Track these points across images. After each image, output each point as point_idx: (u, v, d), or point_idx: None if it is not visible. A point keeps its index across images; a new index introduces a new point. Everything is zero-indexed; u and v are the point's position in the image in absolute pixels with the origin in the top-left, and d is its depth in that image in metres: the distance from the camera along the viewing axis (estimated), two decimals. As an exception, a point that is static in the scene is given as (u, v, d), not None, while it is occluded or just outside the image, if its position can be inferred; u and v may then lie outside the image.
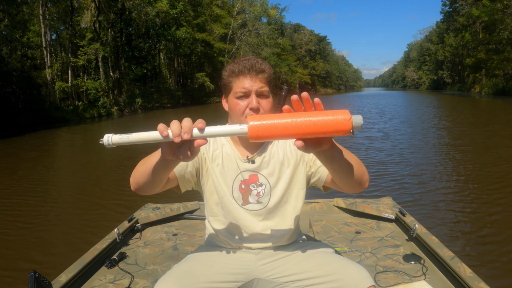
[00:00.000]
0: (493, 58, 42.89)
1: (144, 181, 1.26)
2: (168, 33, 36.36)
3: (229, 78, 1.41)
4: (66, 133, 18.67)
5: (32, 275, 1.74)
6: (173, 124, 0.97)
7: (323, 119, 0.93)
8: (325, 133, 0.94)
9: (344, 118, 0.92)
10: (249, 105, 1.37)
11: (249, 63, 1.38)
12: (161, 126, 0.97)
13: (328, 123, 0.93)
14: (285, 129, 0.94)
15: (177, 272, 1.37)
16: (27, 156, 11.61)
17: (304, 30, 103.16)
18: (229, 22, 51.92)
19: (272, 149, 1.51)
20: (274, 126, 0.94)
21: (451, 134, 12.01)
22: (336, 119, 0.92)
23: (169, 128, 0.97)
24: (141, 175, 1.26)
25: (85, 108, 28.56)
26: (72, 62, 30.86)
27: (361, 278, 1.28)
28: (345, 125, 0.93)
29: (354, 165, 1.23)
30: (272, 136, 0.95)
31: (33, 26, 29.25)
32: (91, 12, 31.73)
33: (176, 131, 0.95)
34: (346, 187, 1.31)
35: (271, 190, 1.48)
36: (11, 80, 20.40)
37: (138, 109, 33.75)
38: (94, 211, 5.55)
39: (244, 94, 1.38)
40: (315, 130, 0.94)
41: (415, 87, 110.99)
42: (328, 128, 0.93)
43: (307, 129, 0.94)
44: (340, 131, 0.93)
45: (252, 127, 0.94)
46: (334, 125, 0.93)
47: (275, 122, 0.94)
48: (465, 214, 4.82)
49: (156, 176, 1.21)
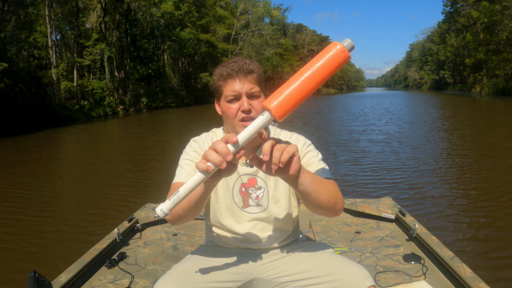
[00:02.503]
0: (492, 59, 43.33)
1: (185, 212, 1.26)
2: (173, 34, 37.00)
3: (218, 82, 1.39)
4: (73, 131, 19.01)
5: (32, 275, 1.75)
6: (210, 155, 0.97)
7: (324, 61, 0.97)
8: (334, 69, 0.98)
9: (339, 50, 0.97)
10: (240, 107, 1.34)
11: (237, 65, 1.35)
12: (201, 164, 0.98)
13: (330, 61, 0.97)
14: (301, 90, 0.97)
15: (176, 272, 1.38)
16: (32, 155, 11.52)
17: (306, 30, 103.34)
18: (232, 22, 52.39)
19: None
20: (291, 95, 0.97)
21: (452, 135, 11.94)
22: (334, 54, 0.97)
23: (209, 161, 0.97)
24: (182, 209, 1.24)
25: (91, 107, 29.09)
26: (78, 62, 31.33)
27: (361, 278, 1.28)
28: (343, 54, 0.97)
29: (324, 196, 1.24)
30: (295, 103, 0.98)
31: (39, 27, 29.74)
32: (97, 13, 32.23)
33: (218, 159, 0.96)
34: (314, 211, 1.33)
35: (269, 193, 1.48)
36: (18, 79, 20.79)
37: (143, 108, 34.31)
38: (94, 211, 5.53)
39: (234, 97, 1.35)
40: (324, 73, 0.98)
41: (417, 87, 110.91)
42: (333, 63, 0.97)
43: (318, 77, 0.97)
44: (343, 60, 0.98)
45: (275, 109, 0.97)
46: (336, 59, 0.97)
47: (290, 92, 0.97)
48: (465, 214, 4.81)
49: (199, 203, 1.21)
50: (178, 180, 1.41)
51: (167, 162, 8.80)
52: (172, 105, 37.92)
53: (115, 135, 18.01)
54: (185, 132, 14.68)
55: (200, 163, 0.98)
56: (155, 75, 40.59)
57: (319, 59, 0.98)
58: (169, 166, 7.97)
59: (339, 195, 1.33)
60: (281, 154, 1.02)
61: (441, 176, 6.84)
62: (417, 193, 5.78)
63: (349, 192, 5.81)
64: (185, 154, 1.49)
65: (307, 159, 1.46)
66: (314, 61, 0.99)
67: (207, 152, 0.99)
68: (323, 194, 1.23)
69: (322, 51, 0.99)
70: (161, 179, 7.26)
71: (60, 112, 24.86)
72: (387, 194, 4.87)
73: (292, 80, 0.99)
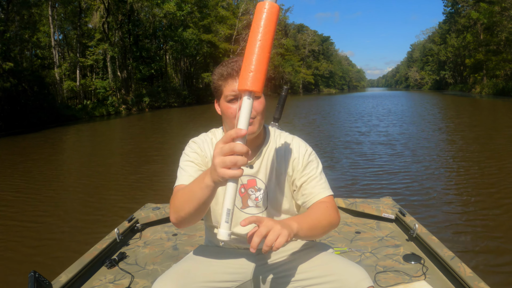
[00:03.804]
0: (492, 59, 43.60)
1: (192, 216, 1.26)
2: (175, 34, 37.28)
3: (218, 81, 1.38)
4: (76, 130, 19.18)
5: (32, 275, 1.75)
6: (235, 160, 0.99)
7: (264, 23, 1.04)
8: (275, 25, 1.05)
9: (269, 6, 1.04)
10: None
11: (237, 64, 1.34)
12: (230, 172, 1.00)
13: (268, 21, 1.04)
14: (262, 59, 1.05)
15: (175, 272, 1.37)
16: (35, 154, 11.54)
17: (307, 31, 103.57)
18: (234, 23, 52.63)
19: (270, 153, 1.49)
20: (257, 68, 1.05)
21: (454, 135, 11.91)
22: (267, 12, 1.04)
23: (236, 165, 1.00)
24: (189, 213, 1.23)
25: (94, 106, 29.31)
26: (81, 62, 31.53)
27: (359, 279, 1.28)
28: (274, 8, 1.04)
29: (321, 232, 1.36)
30: (263, 73, 1.06)
31: (43, 27, 29.95)
32: (100, 13, 32.47)
33: (244, 160, 1.00)
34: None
35: (268, 194, 1.48)
36: (22, 79, 20.94)
37: (145, 108, 34.57)
38: (94, 211, 5.52)
39: (234, 97, 1.34)
40: (270, 33, 1.05)
41: (418, 87, 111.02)
42: (271, 20, 1.04)
43: (267, 38, 1.05)
44: (276, 12, 1.05)
45: (252, 87, 1.04)
46: (270, 15, 1.04)
47: (255, 66, 1.05)
48: (465, 214, 4.81)
49: (206, 205, 1.21)
50: (180, 182, 1.40)
51: (167, 161, 8.86)
52: (174, 105, 38.17)
53: (117, 134, 18.09)
54: (186, 132, 14.67)
55: (230, 171, 1.00)
56: (157, 75, 40.84)
57: (259, 24, 1.04)
58: (169, 166, 8.06)
59: (334, 216, 1.39)
60: (276, 239, 1.11)
61: (442, 176, 6.84)
62: (418, 193, 5.77)
63: (349, 192, 5.80)
64: (185, 156, 1.48)
65: (307, 172, 1.47)
66: (256, 28, 1.04)
67: (230, 158, 0.99)
68: (319, 233, 1.34)
69: (255, 16, 1.05)
70: (161, 179, 7.28)
71: (64, 111, 25.04)
72: (387, 194, 4.89)
73: (249, 54, 1.05)
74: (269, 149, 1.49)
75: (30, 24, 26.11)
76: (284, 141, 1.52)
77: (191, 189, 1.20)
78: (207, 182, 1.10)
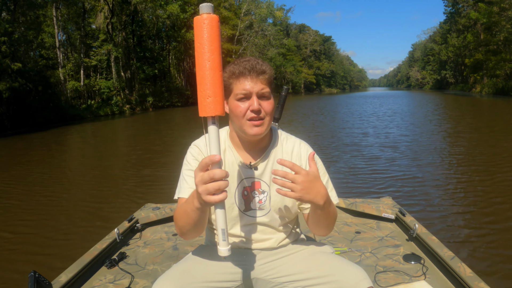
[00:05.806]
0: (491, 59, 43.93)
1: (193, 231, 1.34)
2: (178, 35, 37.70)
3: (229, 79, 1.35)
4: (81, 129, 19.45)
5: (32, 275, 1.74)
6: (214, 186, 1.06)
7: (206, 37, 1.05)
8: (219, 35, 1.07)
9: (206, 19, 1.05)
10: (250, 107, 1.32)
11: (250, 64, 1.34)
12: (213, 198, 1.07)
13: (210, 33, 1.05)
14: (214, 77, 1.07)
15: (175, 272, 1.37)
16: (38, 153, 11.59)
17: (309, 31, 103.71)
18: (236, 23, 53.03)
19: (275, 156, 1.47)
20: (213, 89, 1.06)
21: (454, 135, 11.85)
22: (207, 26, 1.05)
23: (217, 192, 1.06)
24: (188, 228, 1.31)
25: (99, 106, 29.70)
26: (85, 62, 31.87)
27: (359, 279, 1.28)
28: (213, 19, 1.05)
29: (331, 222, 1.39)
30: (220, 92, 1.09)
31: (47, 28, 30.29)
32: (104, 14, 32.85)
33: (223, 184, 1.06)
34: (313, 230, 1.44)
35: (272, 197, 1.46)
36: (28, 79, 21.20)
37: (149, 107, 35.01)
38: (94, 211, 5.52)
39: (245, 96, 1.33)
40: (216, 45, 1.07)
41: (419, 87, 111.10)
42: (213, 33, 1.05)
43: (215, 52, 1.07)
44: (216, 23, 1.05)
45: (215, 111, 1.09)
46: (210, 28, 1.05)
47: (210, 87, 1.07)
48: (465, 214, 4.80)
49: (201, 221, 1.27)
50: (181, 195, 1.41)
51: (168, 161, 8.96)
52: (177, 104, 38.53)
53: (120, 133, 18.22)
54: (187, 133, 14.76)
55: (214, 197, 1.06)
56: (160, 75, 41.23)
57: (202, 43, 1.04)
58: (170, 165, 8.19)
59: (334, 222, 1.44)
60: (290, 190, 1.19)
61: (442, 176, 6.84)
62: (418, 193, 5.78)
63: (349, 192, 5.81)
64: (187, 164, 1.46)
65: None
66: (201, 48, 1.05)
67: (213, 185, 1.05)
68: (325, 224, 1.38)
69: (196, 33, 1.06)
70: (161, 178, 7.31)
71: (69, 111, 25.41)
72: (387, 194, 4.83)
73: (202, 79, 1.07)
74: (274, 151, 1.48)
75: (35, 25, 26.42)
76: (290, 144, 1.52)
77: (185, 210, 1.26)
78: (196, 205, 1.16)
